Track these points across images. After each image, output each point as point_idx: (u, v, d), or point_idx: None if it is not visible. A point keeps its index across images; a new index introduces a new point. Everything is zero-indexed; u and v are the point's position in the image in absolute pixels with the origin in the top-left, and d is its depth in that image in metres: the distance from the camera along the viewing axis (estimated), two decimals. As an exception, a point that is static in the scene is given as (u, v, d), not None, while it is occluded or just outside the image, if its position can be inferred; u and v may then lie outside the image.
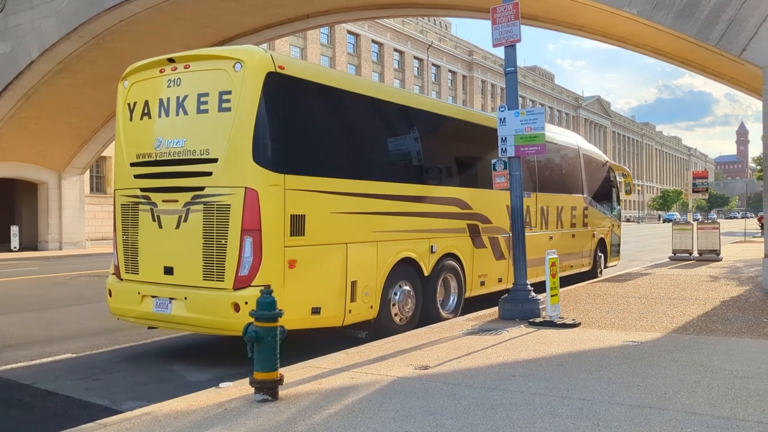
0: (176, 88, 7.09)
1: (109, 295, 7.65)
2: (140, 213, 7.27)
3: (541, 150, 8.99)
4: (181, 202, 6.89)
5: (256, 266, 6.46)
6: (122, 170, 7.55)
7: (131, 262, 7.39)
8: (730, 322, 8.35)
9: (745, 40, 11.46)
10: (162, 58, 7.34)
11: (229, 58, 6.82)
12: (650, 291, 11.76)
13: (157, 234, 7.11)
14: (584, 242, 14.36)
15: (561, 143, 13.69)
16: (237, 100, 6.66)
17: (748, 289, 11.91)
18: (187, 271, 6.83)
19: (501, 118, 9.02)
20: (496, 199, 10.38)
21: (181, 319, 6.87)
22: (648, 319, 8.59)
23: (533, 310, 8.73)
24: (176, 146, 6.98)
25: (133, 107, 7.48)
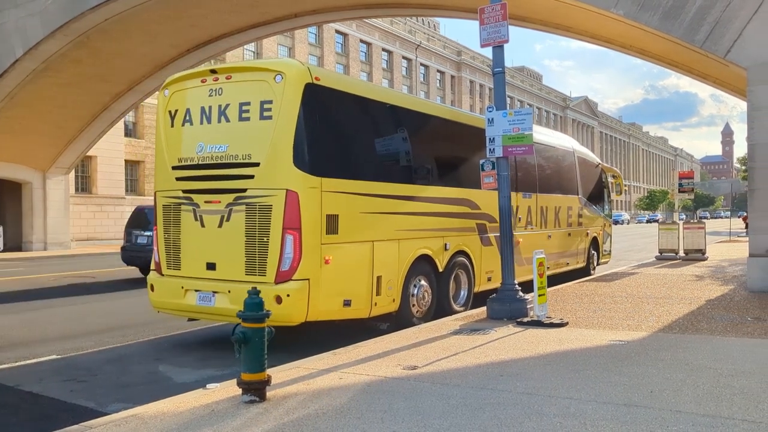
0: (218, 98, 7.65)
1: (151, 289, 8.16)
2: (182, 213, 7.82)
3: (529, 150, 9.03)
4: (224, 202, 7.43)
5: (296, 262, 7.03)
6: (163, 173, 8.09)
7: (173, 259, 7.93)
8: (715, 320, 8.44)
9: (730, 42, 11.58)
10: (204, 70, 7.89)
11: (270, 70, 7.39)
12: (637, 290, 11.85)
13: (199, 232, 7.66)
14: (579, 241, 15.09)
15: (558, 146, 14.42)
16: (278, 109, 7.23)
17: (732, 288, 12.03)
18: (230, 266, 7.37)
19: (489, 118, 9.05)
20: None
21: (224, 311, 7.36)
22: (634, 319, 8.66)
23: (521, 309, 8.77)
24: (219, 151, 7.55)
25: (174, 114, 8.06)
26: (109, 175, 37.85)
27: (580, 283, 13.34)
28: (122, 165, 38.84)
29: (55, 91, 25.30)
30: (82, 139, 29.85)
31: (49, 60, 23.18)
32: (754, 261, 11.46)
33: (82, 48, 22.95)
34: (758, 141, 11.40)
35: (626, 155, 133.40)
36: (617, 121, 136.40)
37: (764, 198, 11.37)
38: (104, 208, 37.57)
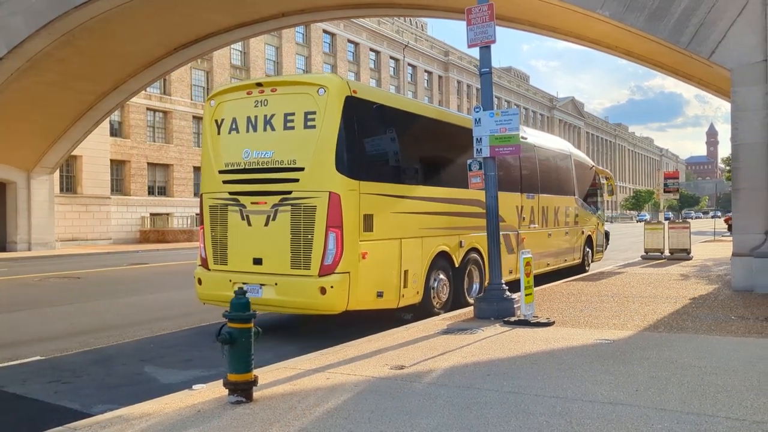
0: (263, 108, 8.43)
1: (198, 283, 8.90)
2: (229, 213, 8.53)
3: (516, 150, 9.06)
4: (269, 203, 8.20)
5: (338, 257, 7.82)
6: (210, 177, 8.80)
7: (220, 255, 8.65)
8: (700, 319, 8.51)
9: (714, 43, 11.69)
10: (250, 83, 8.70)
11: (313, 84, 8.22)
12: (623, 290, 11.94)
13: (246, 231, 8.38)
14: (575, 239, 16.00)
15: (557, 150, 15.40)
16: (321, 119, 8.03)
17: (717, 287, 12.15)
18: (276, 261, 8.12)
19: (476, 118, 9.07)
20: (508, 200, 12.08)
21: (271, 301, 8.19)
22: (620, 318, 8.72)
23: (508, 309, 8.79)
24: (264, 157, 8.32)
25: (220, 123, 8.80)
26: (94, 175, 37.55)
27: (567, 282, 13.41)
28: (108, 165, 38.56)
29: (39, 91, 25.06)
30: (66, 138, 29.60)
31: (34, 59, 22.96)
32: (737, 260, 11.57)
33: (66, 47, 22.76)
34: (742, 141, 11.52)
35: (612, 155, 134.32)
36: (603, 121, 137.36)
37: (748, 198, 11.49)
38: (89, 208, 37.26)
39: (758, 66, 11.26)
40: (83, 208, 36.90)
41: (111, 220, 38.85)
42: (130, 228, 40.54)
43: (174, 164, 43.36)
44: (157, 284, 15.78)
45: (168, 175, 43.44)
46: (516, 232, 12.46)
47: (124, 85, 27.73)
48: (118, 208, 39.77)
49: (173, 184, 43.43)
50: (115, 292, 14.24)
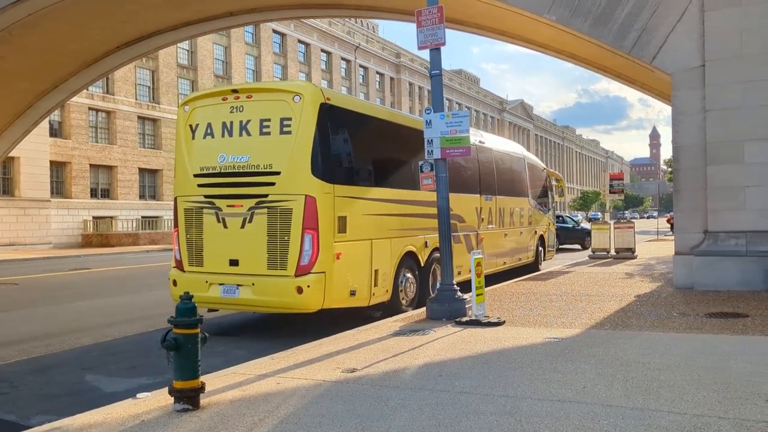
0: (239, 114, 8.74)
1: (173, 285, 9.09)
2: (204, 216, 8.83)
3: (466, 152, 9.15)
4: (246, 206, 8.50)
5: (314, 257, 8.19)
6: (185, 180, 9.10)
7: (195, 257, 8.92)
8: (644, 316, 8.78)
9: (656, 48, 12.10)
10: (226, 89, 9.01)
11: (289, 91, 8.59)
12: (571, 288, 12.21)
13: (222, 233, 8.68)
14: (529, 238, 16.79)
15: (512, 153, 16.23)
16: (297, 125, 8.40)
17: (660, 285, 12.56)
18: (252, 262, 8.43)
19: (427, 120, 9.13)
20: (469, 201, 12.88)
21: (248, 301, 8.54)
22: (568, 316, 8.91)
23: (460, 309, 8.88)
24: (240, 161, 8.62)
25: (195, 128, 9.10)
26: (33, 177, 36.18)
27: (517, 282, 13.64)
28: (47, 166, 37.22)
29: (-27, 89, 24.00)
30: (4, 139, 28.42)
31: (-33, 56, 21.98)
32: (679, 259, 11.99)
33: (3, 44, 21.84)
34: (682, 144, 11.96)
35: (561, 157, 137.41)
36: (552, 123, 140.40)
37: (688, 198, 11.93)
38: (28, 211, 35.89)
39: (696, 71, 11.70)
40: (21, 211, 35.54)
41: (51, 224, 37.51)
42: (72, 232, 39.25)
43: (118, 166, 42.20)
44: (101, 289, 15.31)
45: (112, 177, 42.24)
46: (476, 232, 13.22)
47: (65, 83, 26.80)
48: (58, 211, 38.43)
49: (117, 187, 42.25)
50: (56, 298, 13.74)
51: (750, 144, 11.25)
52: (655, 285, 12.55)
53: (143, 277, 18.04)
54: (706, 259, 11.48)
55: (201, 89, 9.05)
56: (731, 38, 11.37)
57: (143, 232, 39.73)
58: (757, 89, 11.18)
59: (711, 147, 11.54)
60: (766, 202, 11.17)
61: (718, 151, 11.48)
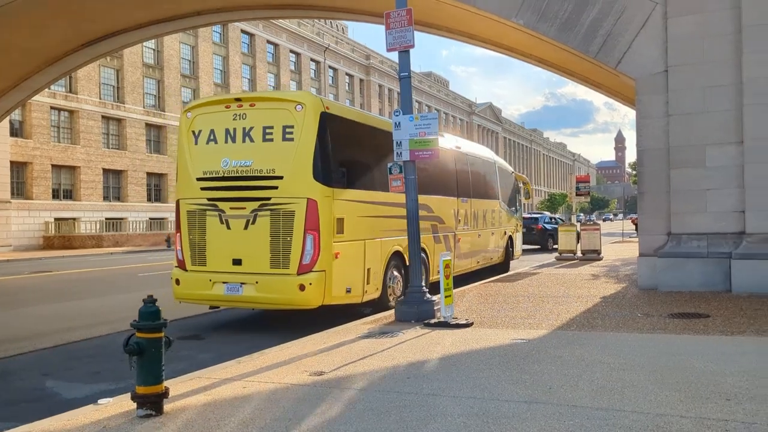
0: (242, 121, 9.23)
1: (176, 283, 9.58)
2: (208, 218, 9.30)
3: (435, 155, 9.19)
4: (249, 208, 9.01)
5: (315, 257, 8.74)
6: (187, 183, 9.55)
7: (198, 257, 9.39)
8: (609, 317, 8.92)
9: (620, 54, 12.32)
10: (229, 98, 9.57)
11: (291, 100, 9.15)
12: (538, 290, 12.35)
13: (225, 234, 9.17)
14: (500, 239, 17.63)
15: (485, 158, 17.01)
16: (299, 132, 8.94)
17: (625, 286, 12.78)
18: (256, 261, 8.95)
19: (396, 122, 9.14)
20: (447, 204, 13.52)
21: (252, 298, 9.04)
22: (535, 317, 9.01)
23: (428, 311, 8.90)
24: (244, 166, 9.10)
25: (197, 134, 9.57)
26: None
27: (486, 283, 13.74)
28: (7, 166, 36.30)
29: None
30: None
31: None
32: (643, 260, 12.23)
33: (-40, 40, 21.23)
34: (646, 147, 12.20)
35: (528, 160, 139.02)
36: (520, 126, 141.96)
37: (652, 201, 12.17)
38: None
39: (660, 76, 11.96)
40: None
41: (11, 226, 36.57)
42: (33, 234, 38.31)
43: (81, 166, 41.34)
44: (64, 293, 14.95)
45: (75, 177, 41.36)
46: (453, 232, 13.85)
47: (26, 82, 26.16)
48: (19, 212, 37.48)
49: (80, 188, 41.38)
50: (15, 301, 13.38)
51: (711, 148, 11.52)
52: (620, 286, 12.77)
53: (108, 280, 17.68)
54: (669, 261, 11.72)
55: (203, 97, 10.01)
56: (693, 44, 11.64)
57: (107, 234, 39.00)
58: (718, 94, 11.47)
59: (674, 151, 11.79)
60: (726, 205, 11.46)
61: (680, 154, 11.74)
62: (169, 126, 47.46)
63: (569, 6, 12.73)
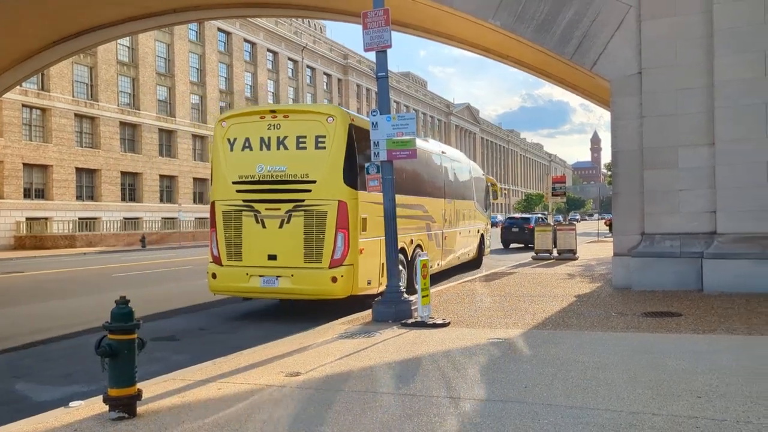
0: (276, 131, 10.28)
1: (213, 278, 10.51)
2: (244, 217, 10.31)
3: (412, 155, 9.21)
4: (283, 209, 10.07)
5: (345, 252, 9.85)
6: (223, 186, 10.54)
7: (234, 253, 10.34)
8: (584, 316, 9.02)
9: (596, 55, 12.46)
10: (264, 109, 10.57)
11: (323, 113, 10.22)
12: (514, 289, 12.44)
13: (260, 232, 10.19)
14: (475, 237, 19.45)
15: (463, 161, 18.77)
16: (331, 141, 10.05)
17: (599, 285, 12.93)
18: (290, 257, 9.99)
19: (373, 122, 9.13)
20: (437, 205, 14.98)
21: (288, 290, 10.08)
22: (512, 317, 9.07)
23: (406, 311, 8.91)
24: (279, 171, 10.18)
25: (233, 142, 10.54)
26: (-39, 176, 34.52)
27: (463, 283, 13.81)
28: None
29: None
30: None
31: None
32: (618, 260, 12.38)
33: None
34: (620, 149, 12.35)
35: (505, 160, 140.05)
36: (497, 127, 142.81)
37: (626, 201, 12.32)
38: (-45, 212, 34.20)
39: (634, 78, 12.11)
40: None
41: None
42: (4, 234, 37.59)
43: (53, 165, 40.66)
44: (36, 293, 14.68)
45: (47, 176, 40.65)
46: (442, 231, 15.32)
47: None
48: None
49: (53, 187, 40.69)
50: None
51: (683, 149, 11.70)
52: (595, 285, 12.92)
53: (81, 281, 17.40)
54: (642, 260, 11.88)
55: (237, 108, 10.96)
56: (666, 47, 11.81)
57: (80, 234, 38.42)
58: (690, 97, 11.65)
59: (647, 152, 11.96)
60: (698, 206, 11.65)
61: (653, 156, 11.91)
62: (144, 125, 47.24)
63: (545, 7, 12.84)
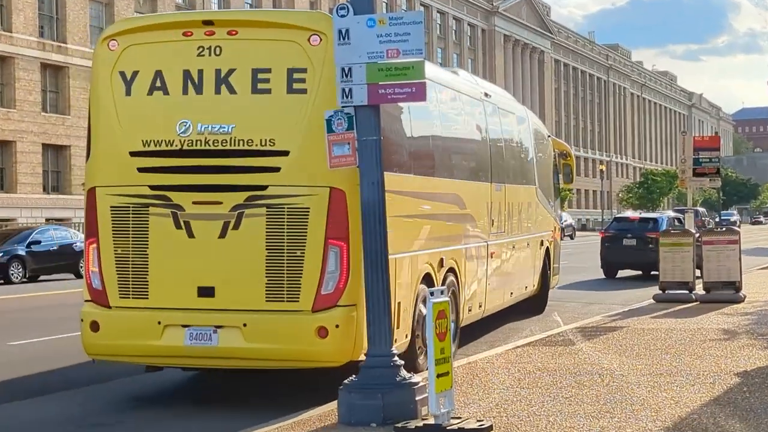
0: (214, 59, 10.34)
1: (92, 329, 10.55)
2: (151, 218, 10.43)
3: (419, 94, 9.20)
4: (228, 204, 10.18)
5: (342, 282, 9.99)
6: (110, 160, 10.71)
7: (134, 283, 10.49)
8: (756, 415, 9.04)
9: None
10: (191, 19, 10.76)
11: (301, 27, 10.22)
12: (619, 361, 12.55)
13: (183, 245, 10.36)
14: (537, 254, 19.75)
15: (516, 113, 19.09)
16: (317, 80, 10.02)
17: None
18: (240, 291, 10.18)
19: (340, 30, 9.11)
20: (479, 194, 15.50)
21: (236, 351, 10.23)
22: (614, 417, 9.09)
23: (405, 404, 8.87)
24: (218, 132, 10.21)
25: (131, 78, 10.60)
26: None
27: (521, 348, 13.83)
28: None
29: None
30: None
31: None
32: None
33: None
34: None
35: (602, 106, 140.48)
36: (587, 40, 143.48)
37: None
38: None
39: None
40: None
41: None
42: None
43: None
44: None
45: None
46: (486, 242, 15.72)
47: None
48: None
49: None
50: None
51: None
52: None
53: None
54: None
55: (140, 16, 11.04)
56: None
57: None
58: None
59: None
60: None
61: None
62: (72, 66, 51.07)
63: None
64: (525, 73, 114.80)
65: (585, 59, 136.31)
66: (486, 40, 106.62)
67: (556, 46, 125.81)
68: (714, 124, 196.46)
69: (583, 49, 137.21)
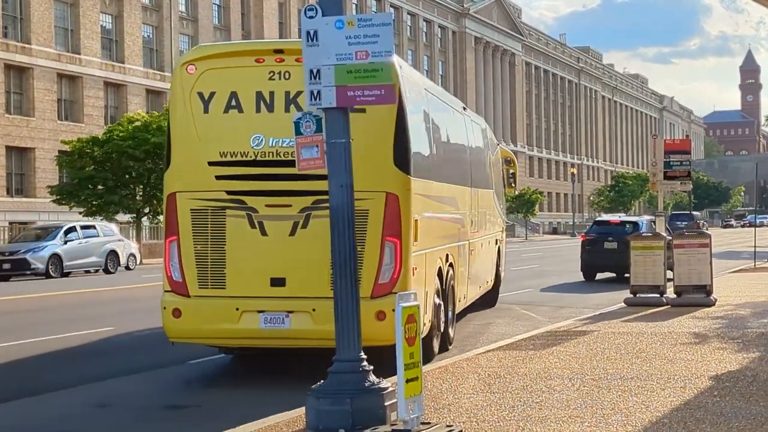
0: (284, 82, 11.79)
1: (174, 315, 12.04)
2: (228, 219, 11.95)
3: (388, 96, 9.20)
4: (297, 207, 11.72)
5: (396, 273, 11.67)
6: (191, 169, 12.12)
7: (213, 275, 11.99)
8: (726, 419, 9.08)
9: None
10: (262, 48, 12.32)
11: None
12: (590, 364, 12.61)
13: (258, 242, 11.91)
14: (492, 252, 21.55)
15: (474, 119, 20.53)
16: None
17: (756, 357, 13.09)
18: (308, 281, 11.67)
19: (309, 31, 9.09)
20: (464, 197, 17.04)
21: (307, 333, 11.86)
22: (584, 421, 9.12)
23: (374, 409, 8.86)
24: (288, 145, 11.30)
25: (208, 97, 12.00)
26: None
27: (492, 352, 13.90)
28: None
29: None
30: None
31: None
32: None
33: None
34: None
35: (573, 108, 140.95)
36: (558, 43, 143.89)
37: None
38: None
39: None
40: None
41: None
42: None
43: None
44: None
45: None
46: (468, 240, 17.37)
47: None
48: None
49: None
50: None
51: None
52: (748, 357, 13.04)
53: None
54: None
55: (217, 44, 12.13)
56: None
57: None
58: None
59: None
60: None
61: None
62: (37, 67, 51.46)
63: None
64: (496, 75, 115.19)
65: (556, 62, 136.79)
66: (457, 43, 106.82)
67: (527, 48, 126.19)
68: (685, 127, 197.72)
69: (555, 51, 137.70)
